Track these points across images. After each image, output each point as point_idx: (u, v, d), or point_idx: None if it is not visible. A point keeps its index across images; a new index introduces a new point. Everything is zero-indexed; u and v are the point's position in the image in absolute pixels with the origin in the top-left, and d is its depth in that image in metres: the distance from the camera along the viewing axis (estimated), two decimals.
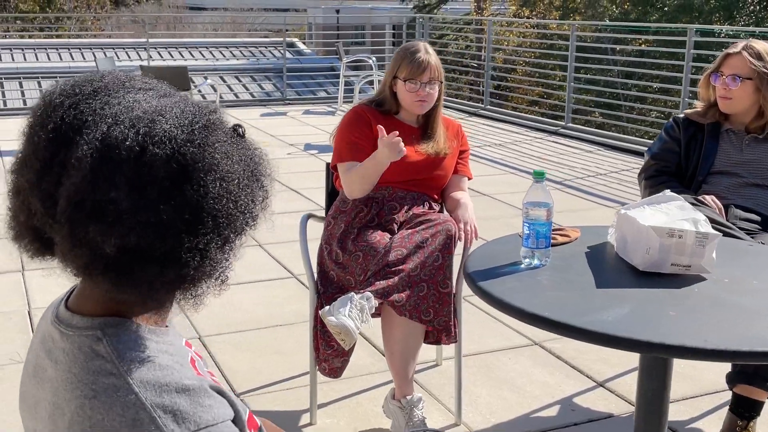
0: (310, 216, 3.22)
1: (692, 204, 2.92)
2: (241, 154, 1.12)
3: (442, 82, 3.24)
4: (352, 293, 2.86)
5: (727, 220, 3.09)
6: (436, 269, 2.92)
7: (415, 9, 34.92)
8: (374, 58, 9.94)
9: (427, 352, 3.34)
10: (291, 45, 16.82)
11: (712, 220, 2.83)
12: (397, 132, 2.94)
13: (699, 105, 3.40)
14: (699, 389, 3.35)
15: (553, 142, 9.42)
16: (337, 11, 40.51)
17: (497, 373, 3.58)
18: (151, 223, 1.02)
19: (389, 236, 3.06)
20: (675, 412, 3.00)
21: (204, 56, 16.56)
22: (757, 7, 23.78)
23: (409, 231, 3.00)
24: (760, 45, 3.23)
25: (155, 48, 16.08)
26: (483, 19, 13.53)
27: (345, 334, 2.69)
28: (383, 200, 3.11)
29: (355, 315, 2.77)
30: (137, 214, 1.01)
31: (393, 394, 3.00)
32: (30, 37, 21.94)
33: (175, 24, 35.50)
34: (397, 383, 2.94)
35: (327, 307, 2.86)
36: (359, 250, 3.02)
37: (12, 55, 15.54)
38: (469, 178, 3.37)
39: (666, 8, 24.63)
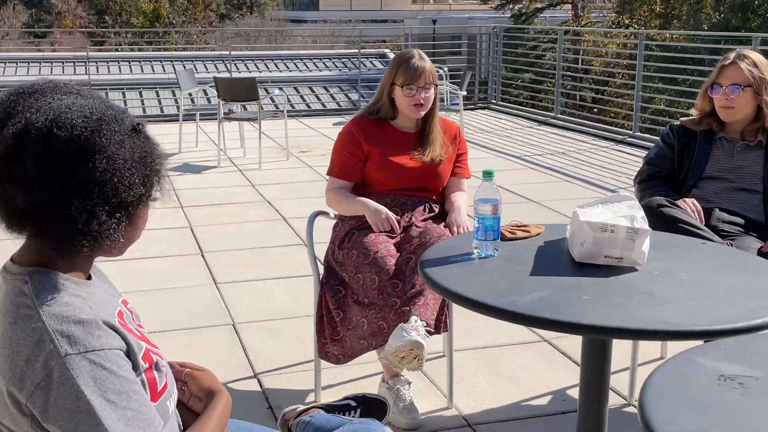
0: (319, 213, 3.38)
1: (669, 206, 3.13)
2: (132, 143, 1.43)
3: (437, 86, 3.27)
4: (401, 325, 2.97)
5: (710, 222, 3.19)
6: None
7: (513, 18, 34.86)
8: (446, 68, 10.15)
9: (435, 345, 3.46)
10: (383, 56, 16.92)
11: (681, 221, 3.04)
12: (394, 218, 3.10)
13: (695, 113, 3.47)
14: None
15: (618, 151, 9.26)
16: (434, 21, 40.66)
17: (500, 366, 3.71)
18: (51, 186, 1.36)
19: (385, 237, 3.16)
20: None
21: (288, 68, 16.82)
22: None
23: (412, 255, 3.08)
24: (752, 54, 3.35)
25: (242, 60, 16.66)
26: (555, 28, 13.46)
27: (418, 348, 2.81)
28: (387, 206, 3.20)
29: (414, 333, 2.89)
30: (42, 179, 1.35)
31: (383, 377, 3.17)
32: (139, 50, 23.07)
33: (276, 37, 36.42)
34: (385, 366, 3.10)
35: (383, 352, 2.97)
36: (354, 248, 3.14)
37: (119, 67, 16.28)
38: (467, 178, 3.44)
39: None
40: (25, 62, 17.27)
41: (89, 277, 1.55)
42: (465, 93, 10.35)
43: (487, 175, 2.50)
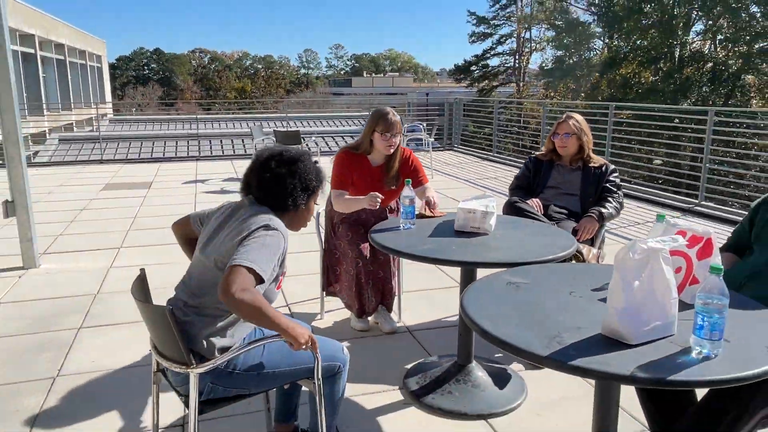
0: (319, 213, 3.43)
1: (520, 202, 3.26)
2: (313, 165, 2.00)
3: (401, 134, 3.16)
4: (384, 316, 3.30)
5: (548, 213, 3.28)
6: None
7: (479, 92, 34.96)
8: (424, 124, 10.40)
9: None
10: None
11: (526, 210, 3.17)
12: (380, 196, 2.96)
13: (544, 150, 3.58)
14: None
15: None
16: (427, 94, 40.99)
17: (432, 299, 3.82)
18: (292, 182, 1.94)
19: (363, 231, 3.14)
20: None
21: (328, 124, 16.92)
22: None
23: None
24: (575, 115, 3.46)
25: (295, 119, 17.08)
26: (492, 99, 13.63)
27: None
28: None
29: (387, 327, 3.28)
30: (290, 178, 1.94)
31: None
32: (232, 113, 23.48)
33: (321, 104, 36.65)
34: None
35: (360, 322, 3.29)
36: (344, 236, 3.20)
37: (219, 124, 16.81)
38: (426, 183, 3.23)
39: None
40: (159, 121, 17.76)
41: None
42: (433, 139, 10.43)
43: (407, 183, 2.80)
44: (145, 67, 63.99)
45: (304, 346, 1.77)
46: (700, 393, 1.97)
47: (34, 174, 9.20)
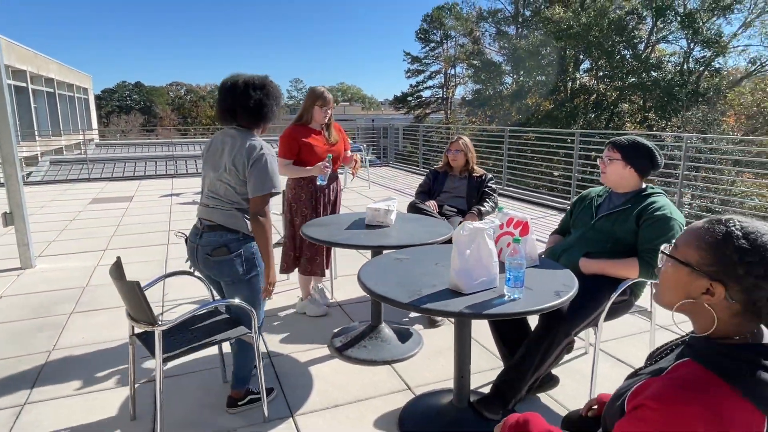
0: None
1: (419, 203, 3.42)
2: (273, 84, 2.13)
3: (333, 108, 3.18)
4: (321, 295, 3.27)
5: (442, 211, 3.46)
6: None
7: (415, 119, 35.57)
8: (365, 145, 10.63)
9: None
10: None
11: (423, 210, 3.35)
12: (328, 167, 3.04)
13: (441, 163, 3.75)
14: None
15: None
16: (372, 120, 41.22)
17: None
18: (268, 102, 2.10)
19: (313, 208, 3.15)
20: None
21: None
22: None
23: None
24: (464, 137, 3.70)
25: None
26: (418, 125, 14.01)
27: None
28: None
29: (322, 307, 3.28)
30: (267, 100, 2.09)
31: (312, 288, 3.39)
32: (206, 137, 22.95)
33: (284, 130, 36.14)
34: (305, 286, 3.37)
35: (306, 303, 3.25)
36: (299, 212, 3.19)
37: (194, 146, 16.29)
38: (349, 148, 3.34)
39: None
40: (140, 145, 17.29)
41: None
42: (370, 157, 10.68)
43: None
44: (128, 98, 61.76)
45: (270, 286, 2.07)
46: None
47: (28, 192, 8.92)
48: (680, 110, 21.19)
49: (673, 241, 1.00)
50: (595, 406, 1.29)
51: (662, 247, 1.01)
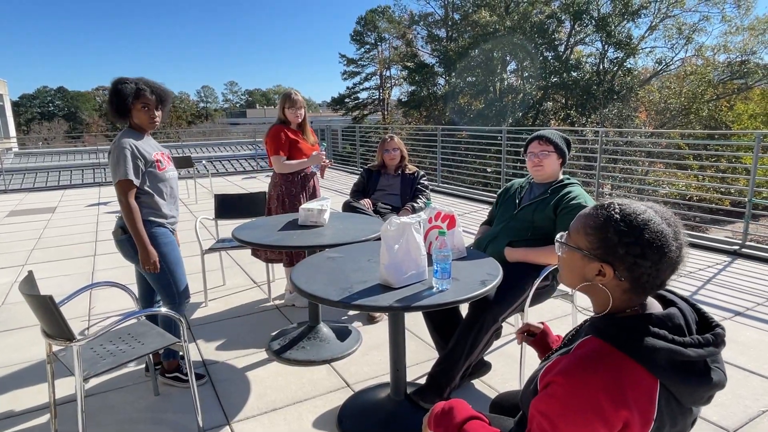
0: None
1: (353, 202, 3.40)
2: (127, 84, 2.20)
3: (304, 107, 3.33)
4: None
5: (376, 209, 3.48)
6: None
7: (353, 120, 35.50)
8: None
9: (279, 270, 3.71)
10: None
11: (357, 208, 3.34)
12: (325, 156, 3.30)
13: (376, 162, 3.75)
14: None
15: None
16: (311, 122, 40.71)
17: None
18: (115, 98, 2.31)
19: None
20: None
21: (221, 150, 16.16)
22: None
23: None
24: (395, 137, 3.72)
25: (190, 146, 16.13)
26: (356, 125, 14.09)
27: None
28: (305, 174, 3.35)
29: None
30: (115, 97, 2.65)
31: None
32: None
33: (220, 132, 35.05)
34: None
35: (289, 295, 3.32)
36: (281, 207, 3.31)
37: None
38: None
39: None
40: (64, 153, 16.18)
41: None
42: None
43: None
44: (50, 104, 57.59)
45: (147, 267, 2.15)
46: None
47: None
48: (598, 107, 22.50)
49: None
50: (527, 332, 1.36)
51: (557, 236, 1.05)
